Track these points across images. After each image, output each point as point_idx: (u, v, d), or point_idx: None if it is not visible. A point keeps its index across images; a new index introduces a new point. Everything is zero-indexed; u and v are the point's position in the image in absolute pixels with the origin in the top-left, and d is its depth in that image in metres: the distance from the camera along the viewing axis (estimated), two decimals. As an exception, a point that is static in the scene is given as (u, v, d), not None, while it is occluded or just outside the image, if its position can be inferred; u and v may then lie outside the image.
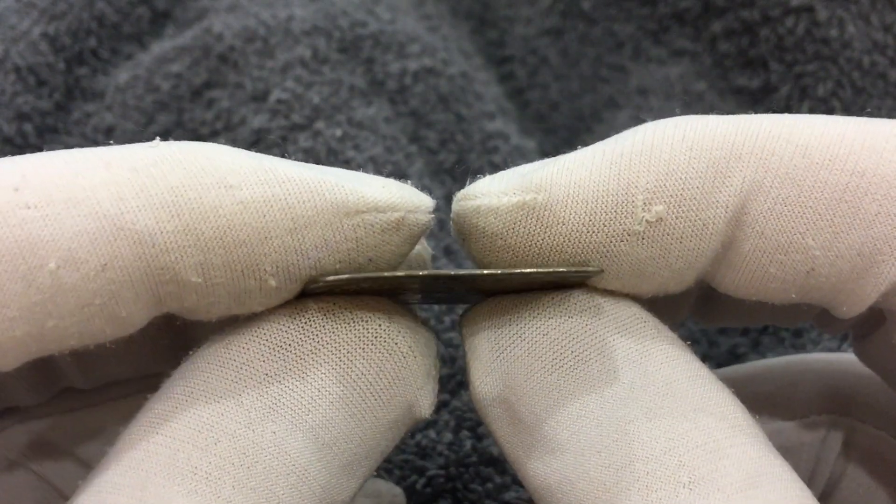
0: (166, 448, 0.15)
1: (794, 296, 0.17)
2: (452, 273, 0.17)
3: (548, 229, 0.16)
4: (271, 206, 0.15)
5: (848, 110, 0.36)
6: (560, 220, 0.16)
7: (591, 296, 0.17)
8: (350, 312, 0.17)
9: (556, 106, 0.42)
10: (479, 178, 0.17)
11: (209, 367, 0.16)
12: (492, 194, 0.17)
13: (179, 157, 0.15)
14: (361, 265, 0.16)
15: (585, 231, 0.16)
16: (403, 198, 0.16)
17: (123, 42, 0.42)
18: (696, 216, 0.16)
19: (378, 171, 0.35)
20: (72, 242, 0.14)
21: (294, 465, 0.15)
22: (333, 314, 0.16)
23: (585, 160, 0.16)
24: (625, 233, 0.16)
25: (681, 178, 0.16)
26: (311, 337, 0.16)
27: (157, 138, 0.16)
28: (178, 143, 0.16)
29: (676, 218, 0.16)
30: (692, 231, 0.16)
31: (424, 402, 0.17)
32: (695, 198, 0.16)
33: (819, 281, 0.16)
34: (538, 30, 0.43)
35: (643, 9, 0.42)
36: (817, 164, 0.16)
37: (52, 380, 0.19)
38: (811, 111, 0.37)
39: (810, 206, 0.16)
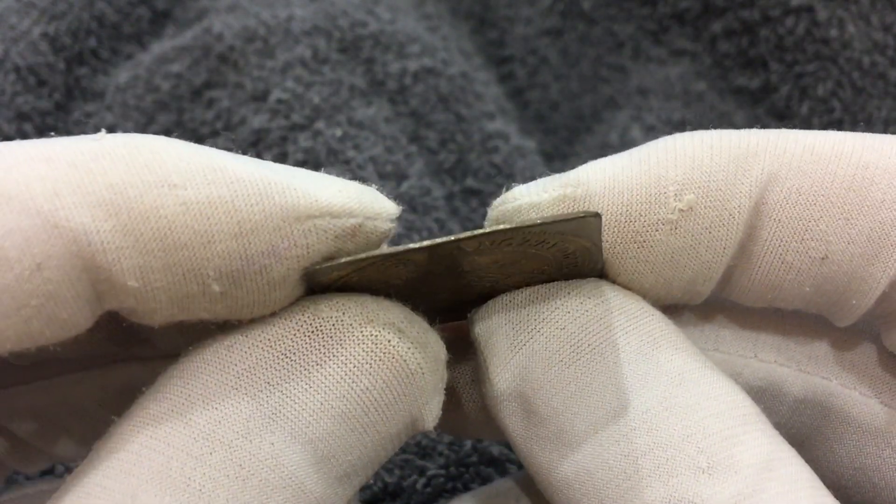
0: (159, 454, 0.14)
1: (807, 289, 0.17)
2: (467, 235, 0.16)
3: None
4: (216, 209, 0.14)
5: (848, 110, 0.36)
6: (600, 211, 0.16)
7: (601, 289, 0.17)
8: (361, 324, 0.16)
9: (556, 106, 0.42)
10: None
11: (209, 369, 0.15)
12: (531, 193, 0.17)
13: (122, 151, 0.14)
14: (310, 273, 0.15)
15: (623, 220, 0.17)
16: (362, 203, 0.16)
17: (123, 42, 0.42)
18: (723, 205, 0.17)
19: (378, 171, 0.35)
20: (3, 241, 0.13)
21: (290, 478, 0.15)
22: (343, 325, 0.16)
23: (615, 160, 0.17)
24: (659, 222, 0.17)
25: (706, 171, 0.17)
26: (319, 347, 0.16)
27: (104, 131, 0.15)
28: (124, 136, 0.15)
29: (705, 207, 0.17)
30: (720, 220, 0.17)
31: (429, 416, 0.17)
32: (720, 188, 0.17)
33: (832, 269, 0.17)
34: (538, 30, 0.43)
35: (643, 9, 0.42)
36: (826, 158, 0.17)
37: None
38: (811, 111, 0.37)
39: (822, 195, 0.17)
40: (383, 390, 0.16)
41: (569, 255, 0.17)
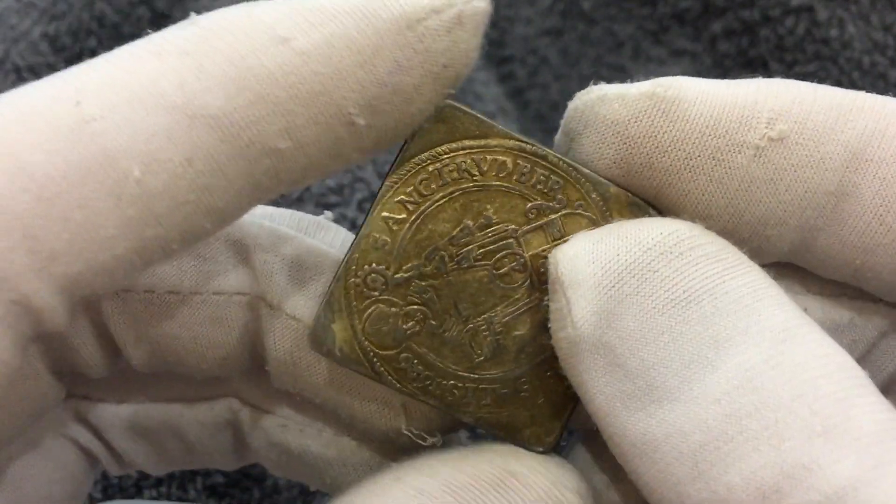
0: None
1: None
2: (560, 157, 0.17)
3: (673, 124, 0.16)
4: (332, 48, 0.14)
5: (848, 110, 0.36)
6: (686, 117, 0.16)
7: (696, 233, 0.16)
8: (547, 486, 0.16)
9: (556, 106, 0.42)
10: None
11: None
12: (620, 86, 0.17)
13: (223, 24, 0.14)
14: (438, 73, 0.16)
15: (709, 133, 0.16)
16: None
17: (123, 42, 0.42)
18: (817, 147, 0.16)
19: (378, 172, 0.35)
20: (149, 144, 0.14)
21: None
22: (531, 484, 0.16)
23: (714, 80, 0.16)
24: (745, 144, 0.16)
25: (806, 108, 0.16)
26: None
27: (192, 14, 0.15)
28: (213, 14, 0.15)
29: (797, 143, 0.16)
30: (810, 161, 0.16)
31: None
32: (817, 129, 0.16)
33: None
34: (538, 30, 0.43)
35: (643, 9, 0.42)
36: None
37: None
38: (811, 111, 0.37)
39: None
40: None
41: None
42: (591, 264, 0.16)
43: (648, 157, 0.16)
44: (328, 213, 0.21)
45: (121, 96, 0.14)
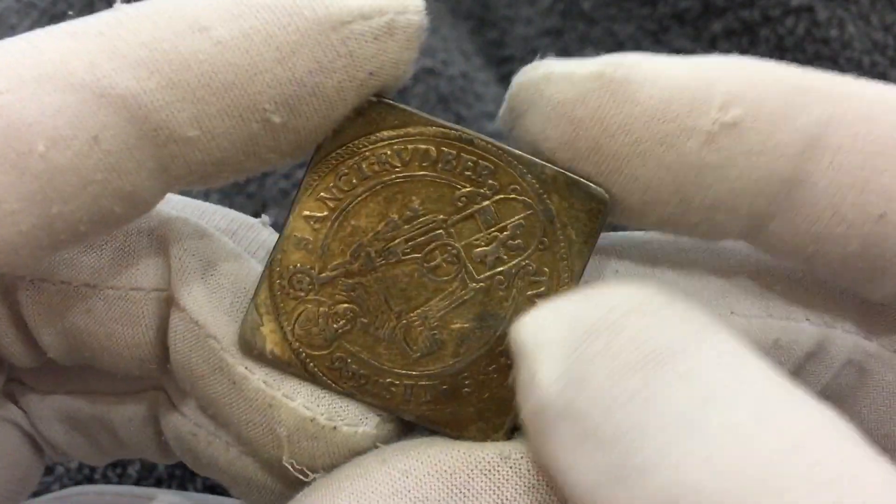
0: None
1: (853, 248, 0.16)
2: (481, 136, 0.16)
3: (620, 106, 0.15)
4: (250, 40, 0.14)
5: (848, 110, 0.36)
6: (635, 100, 0.15)
7: (658, 290, 0.15)
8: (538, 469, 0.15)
9: (556, 106, 0.42)
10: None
11: (381, 490, 0.15)
12: (568, 64, 0.16)
13: (145, 10, 0.14)
14: (363, 81, 0.15)
15: (658, 117, 0.15)
16: (388, 0, 0.15)
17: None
18: (771, 133, 0.15)
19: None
20: (55, 120, 0.13)
21: None
22: (522, 468, 0.15)
23: (667, 57, 0.16)
24: (696, 129, 0.15)
25: (762, 92, 0.15)
26: (496, 488, 0.15)
27: (119, 0, 0.15)
28: (139, 1, 0.15)
29: (750, 129, 0.15)
30: (763, 148, 0.15)
31: None
32: (773, 114, 0.15)
33: (887, 230, 0.15)
34: (538, 30, 0.43)
35: (643, 9, 0.42)
36: (893, 108, 0.15)
37: None
38: (811, 111, 0.37)
39: (889, 146, 0.15)
40: None
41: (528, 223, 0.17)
42: (554, 326, 0.15)
43: (595, 140, 0.16)
44: (265, 218, 0.20)
45: (31, 73, 0.14)
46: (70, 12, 0.40)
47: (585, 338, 0.14)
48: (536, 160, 0.17)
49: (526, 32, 0.43)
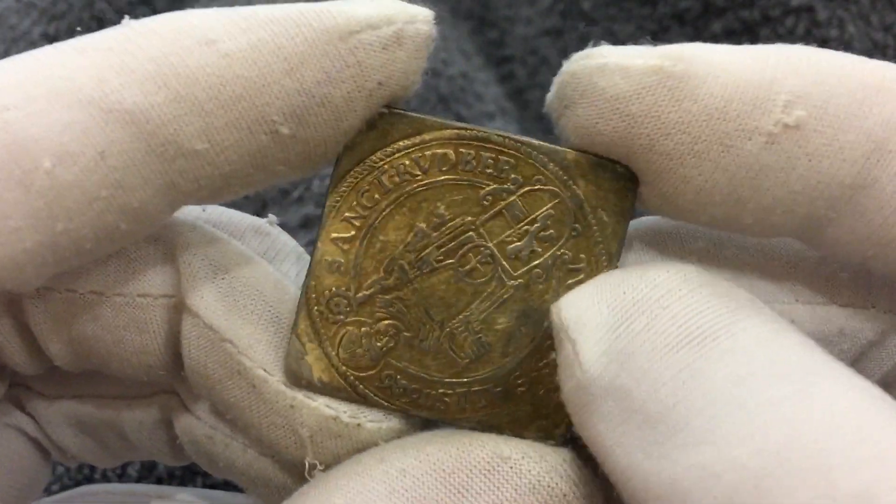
0: None
1: None
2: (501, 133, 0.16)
3: (678, 103, 0.15)
4: (258, 52, 0.14)
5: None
6: (693, 97, 0.15)
7: (698, 270, 0.15)
8: (538, 473, 0.15)
9: (556, 106, 0.42)
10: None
11: (378, 489, 0.15)
12: (622, 55, 0.15)
13: (152, 26, 0.14)
14: (372, 91, 0.15)
15: (717, 116, 0.15)
16: (397, 10, 0.15)
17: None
18: (836, 135, 0.14)
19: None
20: (62, 136, 0.13)
21: None
22: (521, 470, 0.15)
23: (729, 48, 0.15)
24: (756, 130, 0.15)
25: (828, 91, 0.14)
26: (494, 489, 0.15)
27: (127, 17, 0.15)
28: (148, 18, 0.15)
29: (814, 130, 0.14)
30: (827, 150, 0.15)
31: None
32: (838, 115, 0.14)
33: None
34: (538, 30, 0.43)
35: (643, 9, 0.42)
36: None
37: None
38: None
39: None
40: None
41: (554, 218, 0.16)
42: (596, 305, 0.15)
43: (650, 138, 0.15)
44: (272, 217, 0.20)
45: (38, 89, 0.14)
46: (73, 24, 0.40)
47: (627, 316, 0.14)
48: (556, 147, 0.16)
49: (526, 32, 0.43)
